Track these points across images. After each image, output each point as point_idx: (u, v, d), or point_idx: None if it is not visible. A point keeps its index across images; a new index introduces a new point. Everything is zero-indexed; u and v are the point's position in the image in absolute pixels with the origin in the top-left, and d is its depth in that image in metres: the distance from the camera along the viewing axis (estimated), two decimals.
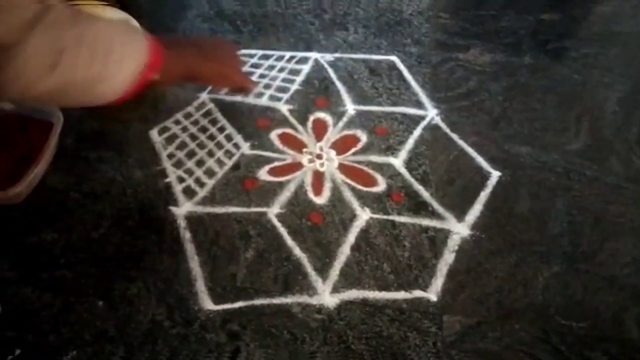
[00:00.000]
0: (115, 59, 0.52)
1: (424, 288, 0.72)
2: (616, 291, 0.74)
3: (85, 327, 0.67)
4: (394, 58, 1.03)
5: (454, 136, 0.90)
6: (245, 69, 0.99)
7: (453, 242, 0.77)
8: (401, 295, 0.72)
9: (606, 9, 1.19)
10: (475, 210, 0.81)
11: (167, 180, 0.82)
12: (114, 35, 0.53)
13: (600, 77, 1.03)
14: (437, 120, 0.93)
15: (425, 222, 0.79)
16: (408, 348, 0.67)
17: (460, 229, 0.79)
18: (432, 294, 0.72)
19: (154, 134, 0.87)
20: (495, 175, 0.86)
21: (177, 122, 0.89)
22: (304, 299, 0.71)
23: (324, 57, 1.02)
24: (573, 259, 0.77)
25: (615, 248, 0.78)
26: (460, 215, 0.80)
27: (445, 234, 0.78)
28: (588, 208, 0.83)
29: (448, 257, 0.76)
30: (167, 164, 0.83)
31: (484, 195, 0.83)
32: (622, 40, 1.11)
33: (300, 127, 0.90)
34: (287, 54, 1.03)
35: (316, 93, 0.96)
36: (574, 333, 0.69)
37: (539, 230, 0.80)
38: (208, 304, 0.69)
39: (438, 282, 0.73)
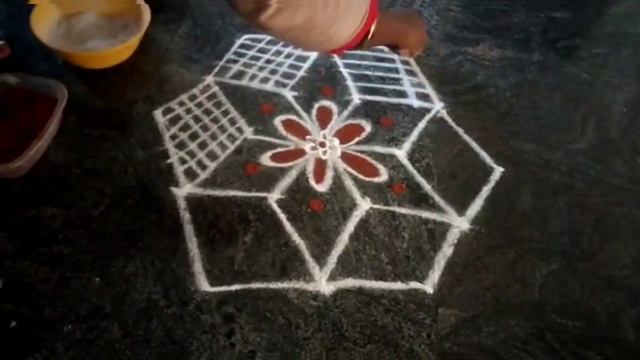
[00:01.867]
0: (344, 3, 0.59)
1: (421, 280, 0.72)
2: (613, 292, 0.73)
3: (81, 302, 0.67)
4: None
5: (459, 130, 0.90)
6: (252, 53, 0.99)
7: (452, 236, 0.77)
8: (398, 285, 0.72)
9: (619, 9, 1.18)
10: (477, 205, 0.81)
11: (169, 161, 0.81)
12: None
13: (609, 77, 1.02)
14: (443, 113, 0.92)
15: (426, 214, 0.79)
16: (402, 338, 0.67)
17: (460, 223, 0.78)
18: (429, 286, 0.72)
19: (157, 114, 0.87)
20: (498, 170, 0.85)
21: (182, 104, 0.89)
22: (300, 284, 0.71)
23: None
24: (572, 258, 0.76)
25: (615, 249, 0.78)
26: (461, 209, 0.80)
27: (445, 227, 0.78)
28: (590, 208, 0.82)
29: (447, 250, 0.75)
30: (170, 145, 0.83)
31: (485, 190, 0.83)
32: (633, 42, 1.10)
33: (304, 114, 0.90)
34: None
35: (322, 81, 0.96)
36: (569, 331, 0.69)
37: (540, 227, 0.79)
38: (205, 286, 0.70)
39: (435, 275, 0.73)
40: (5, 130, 0.79)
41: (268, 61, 0.98)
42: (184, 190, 0.78)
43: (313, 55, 1.00)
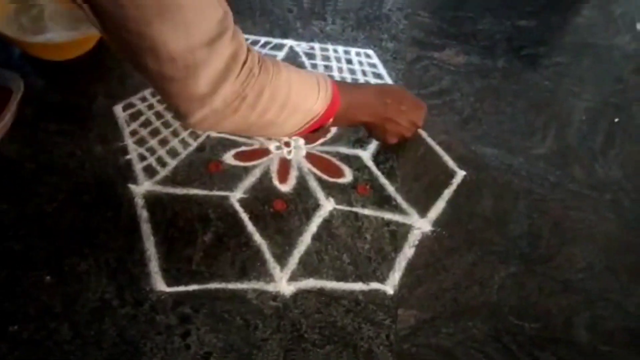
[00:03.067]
0: (289, 110, 0.58)
1: (382, 280, 0.72)
2: (569, 295, 0.75)
3: (30, 301, 0.65)
4: (370, 52, 1.03)
5: (423, 133, 0.91)
6: None
7: (414, 237, 0.77)
8: (358, 286, 0.71)
9: (582, 20, 1.21)
10: (438, 207, 0.81)
11: (128, 157, 0.79)
12: (294, 86, 0.58)
13: (570, 86, 1.04)
14: None
15: (388, 215, 0.79)
16: (361, 339, 0.67)
17: (421, 225, 0.79)
18: (389, 287, 0.72)
19: (118, 109, 0.85)
20: (460, 174, 0.86)
21: (144, 99, 0.87)
22: (260, 285, 0.70)
23: (300, 45, 1.01)
24: (530, 261, 0.77)
25: (572, 253, 0.79)
26: (423, 211, 0.80)
27: (407, 228, 0.78)
28: (548, 212, 0.84)
29: (408, 252, 0.76)
30: (129, 141, 0.81)
31: (447, 193, 0.83)
32: (594, 52, 1.13)
33: None
34: (263, 39, 1.01)
35: None
36: (525, 333, 0.70)
37: (499, 230, 0.80)
38: (161, 285, 0.68)
39: (396, 276, 0.73)
40: None
41: None
42: (142, 187, 0.76)
43: (281, 54, 0.99)
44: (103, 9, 0.42)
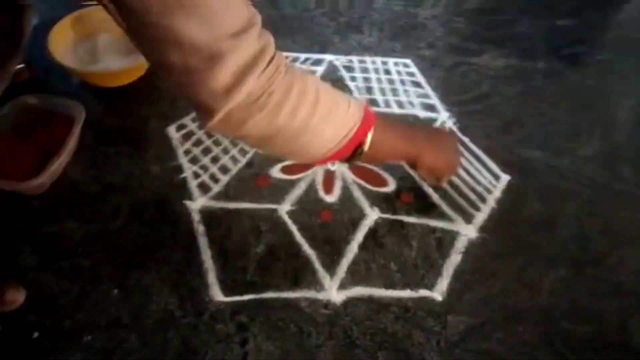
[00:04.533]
0: (320, 115, 0.52)
1: (430, 287, 0.74)
2: (622, 298, 0.74)
3: (100, 313, 0.69)
4: (407, 61, 1.04)
5: (465, 139, 0.91)
6: None
7: (460, 244, 0.78)
8: (407, 293, 0.73)
9: (623, 16, 1.20)
10: (484, 213, 0.82)
11: (183, 175, 0.84)
12: (323, 91, 0.53)
13: (614, 84, 1.03)
14: (449, 123, 0.94)
15: (434, 223, 0.81)
16: (412, 345, 0.68)
17: (468, 231, 0.80)
18: (438, 294, 0.73)
19: (171, 130, 0.90)
20: (505, 178, 0.86)
21: (194, 120, 0.92)
22: (311, 294, 0.72)
23: (339, 59, 1.04)
24: (580, 264, 0.77)
25: (623, 255, 0.78)
26: (468, 218, 0.81)
27: (453, 235, 0.79)
28: (597, 214, 0.83)
29: (454, 258, 0.77)
30: (184, 160, 0.86)
31: (492, 198, 0.84)
32: (638, 48, 1.11)
33: None
34: (302, 56, 1.05)
35: None
36: (577, 338, 0.70)
37: (547, 234, 0.80)
38: (218, 296, 0.71)
39: (444, 282, 0.74)
40: (26, 149, 0.82)
41: None
42: (197, 203, 0.81)
43: (321, 69, 1.02)
44: (127, 4, 0.42)
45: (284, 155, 0.57)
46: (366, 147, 0.58)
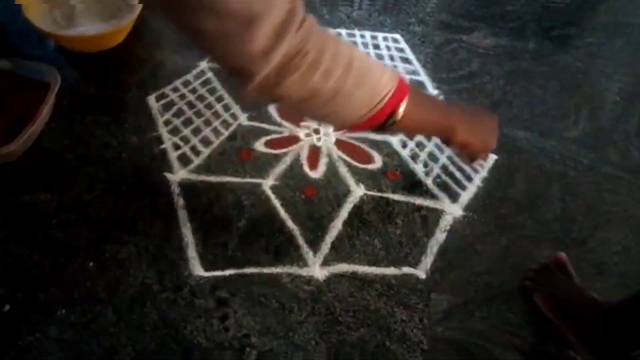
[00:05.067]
0: (355, 76, 0.51)
1: (414, 265, 0.73)
2: (604, 278, 0.74)
3: (75, 287, 0.67)
4: (397, 36, 1.02)
5: None
6: None
7: (445, 222, 0.77)
8: (390, 271, 0.72)
9: None
10: (470, 192, 0.81)
11: (163, 146, 0.81)
12: (357, 55, 0.52)
13: (602, 67, 1.02)
14: None
15: (419, 201, 0.80)
16: (394, 322, 0.67)
17: (453, 210, 0.79)
18: (421, 272, 0.72)
19: (151, 100, 0.87)
20: (491, 158, 0.86)
21: (175, 90, 0.88)
22: (294, 270, 0.71)
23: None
24: (564, 245, 0.77)
25: (606, 236, 0.79)
26: (454, 196, 0.80)
27: (438, 213, 0.78)
28: (582, 195, 0.83)
29: (439, 237, 0.76)
30: (163, 131, 0.83)
31: (478, 177, 0.83)
32: (627, 32, 1.10)
33: None
34: None
35: None
36: None
37: (532, 214, 0.80)
38: (198, 270, 0.70)
39: (428, 260, 0.74)
40: None
41: None
42: (177, 175, 0.78)
43: None
44: None
45: (321, 118, 0.58)
46: (399, 115, 0.57)
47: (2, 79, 0.82)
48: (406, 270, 0.72)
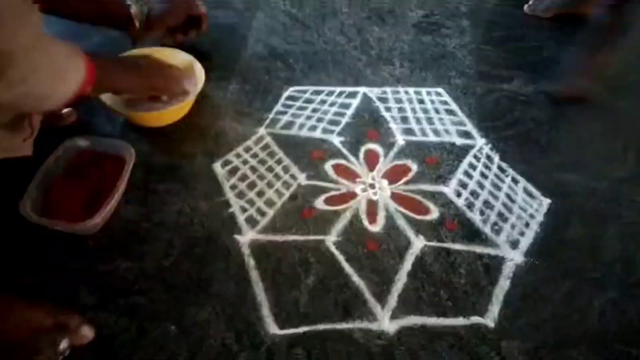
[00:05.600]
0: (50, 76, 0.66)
1: (481, 314, 0.74)
2: None
3: (160, 350, 0.71)
4: (440, 90, 1.07)
5: (504, 165, 0.93)
6: (299, 104, 1.04)
7: (508, 269, 0.79)
8: (459, 321, 0.74)
9: None
10: (528, 237, 0.83)
11: (231, 210, 0.86)
12: (49, 55, 0.65)
13: None
14: (486, 149, 0.96)
15: (480, 249, 0.82)
16: None
17: (514, 256, 0.81)
18: (489, 320, 0.74)
19: (217, 167, 0.93)
20: (545, 202, 0.88)
21: (238, 156, 0.94)
22: (364, 324, 0.74)
23: (372, 91, 1.07)
24: (628, 285, 0.78)
25: None
26: (513, 243, 0.82)
27: (500, 260, 0.80)
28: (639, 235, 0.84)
29: (503, 284, 0.78)
30: (230, 195, 0.88)
31: (535, 223, 0.85)
32: None
33: (352, 158, 0.95)
34: (337, 89, 1.07)
35: (366, 125, 1.01)
36: (633, 359, 0.70)
37: (592, 256, 0.81)
38: (274, 329, 0.73)
39: (494, 309, 0.75)
40: (78, 190, 0.85)
41: (314, 110, 1.03)
42: (246, 237, 0.83)
43: (355, 102, 1.05)
44: None
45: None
46: (92, 93, 0.75)
47: (82, 155, 0.89)
48: (474, 319, 0.74)
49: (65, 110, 0.98)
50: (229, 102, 1.04)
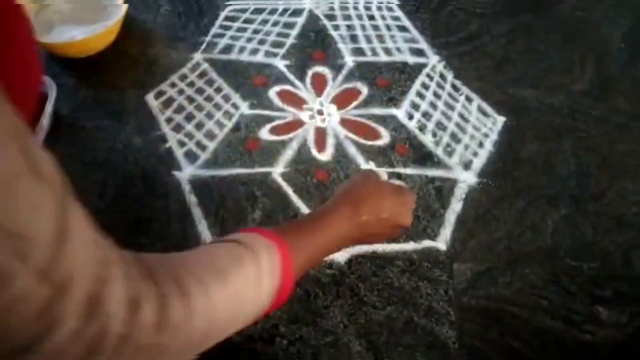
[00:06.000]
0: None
1: (433, 238, 0.73)
2: (625, 230, 0.74)
3: None
4: (392, 5, 1.00)
5: (457, 83, 0.88)
6: (238, 24, 0.96)
7: (460, 191, 0.77)
8: (410, 246, 0.72)
9: None
10: (482, 157, 0.80)
11: (168, 145, 0.80)
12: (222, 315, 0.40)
13: (603, 12, 1.00)
14: (440, 67, 0.91)
15: (431, 172, 0.79)
16: (420, 297, 0.68)
17: (466, 177, 0.78)
18: (442, 243, 0.72)
19: (150, 98, 0.85)
20: (500, 120, 0.84)
21: (173, 85, 0.87)
22: None
23: (319, 7, 0.99)
24: (581, 201, 0.76)
25: (624, 187, 0.78)
26: (466, 164, 0.80)
27: (452, 183, 0.78)
28: (595, 148, 0.82)
29: (456, 206, 0.75)
30: (166, 129, 0.82)
31: (489, 142, 0.82)
32: None
33: (298, 83, 0.88)
34: (280, 6, 0.99)
35: (313, 46, 0.94)
36: (584, 274, 0.70)
37: (546, 173, 0.79)
38: None
39: (447, 231, 0.73)
40: None
41: (255, 31, 0.95)
42: (186, 173, 0.78)
43: (301, 20, 0.97)
44: None
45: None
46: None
47: None
48: (426, 243, 0.72)
49: None
50: (159, 26, 0.95)
